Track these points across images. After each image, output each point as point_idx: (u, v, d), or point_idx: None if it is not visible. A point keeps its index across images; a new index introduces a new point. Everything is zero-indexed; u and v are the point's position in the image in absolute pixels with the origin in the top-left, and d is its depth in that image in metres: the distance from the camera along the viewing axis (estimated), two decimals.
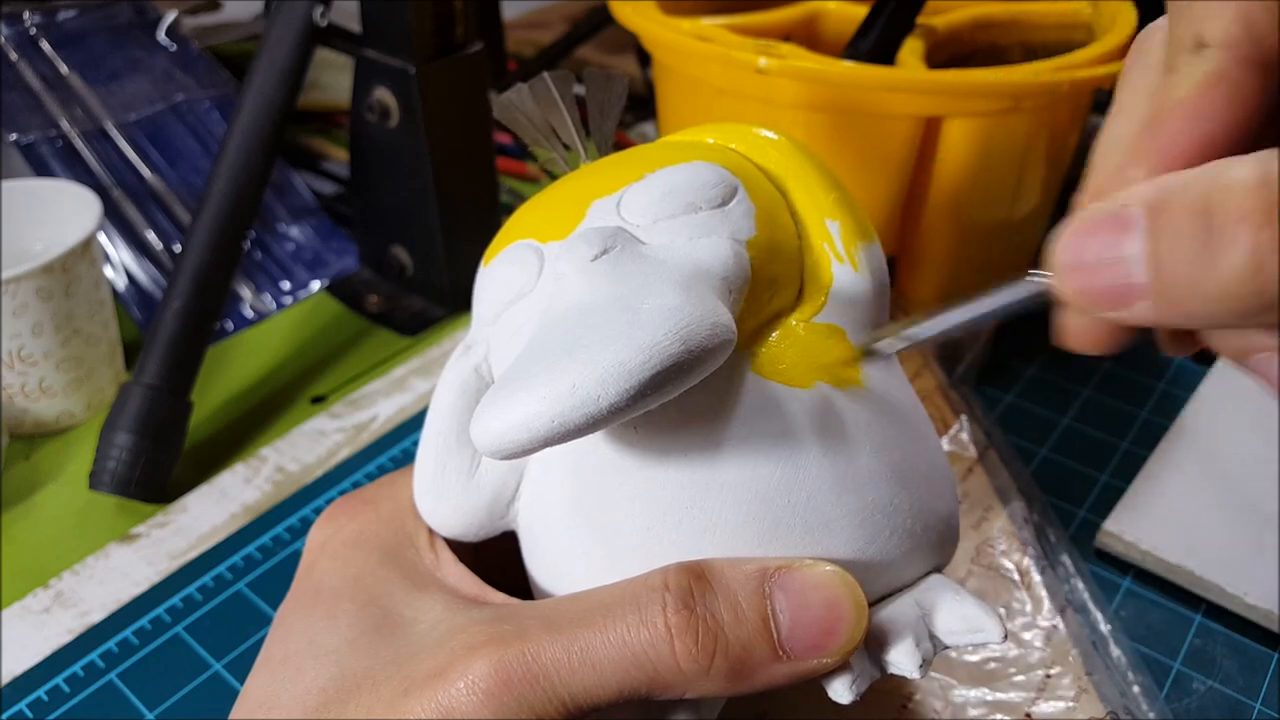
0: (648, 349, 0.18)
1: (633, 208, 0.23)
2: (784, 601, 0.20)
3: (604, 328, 0.19)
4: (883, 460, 0.22)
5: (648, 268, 0.21)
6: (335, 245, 0.58)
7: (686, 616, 0.19)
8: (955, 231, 0.46)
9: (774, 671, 0.20)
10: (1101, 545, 0.39)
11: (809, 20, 0.51)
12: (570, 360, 0.19)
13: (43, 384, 0.44)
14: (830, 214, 0.24)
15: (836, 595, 0.20)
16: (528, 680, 0.19)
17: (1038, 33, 0.50)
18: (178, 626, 0.37)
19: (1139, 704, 0.33)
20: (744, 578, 0.20)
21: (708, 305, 0.20)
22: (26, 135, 0.54)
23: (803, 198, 0.25)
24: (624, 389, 0.18)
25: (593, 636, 0.19)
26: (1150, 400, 0.47)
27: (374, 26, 0.48)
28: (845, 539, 0.21)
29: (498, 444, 0.19)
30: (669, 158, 0.24)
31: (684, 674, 0.19)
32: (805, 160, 0.25)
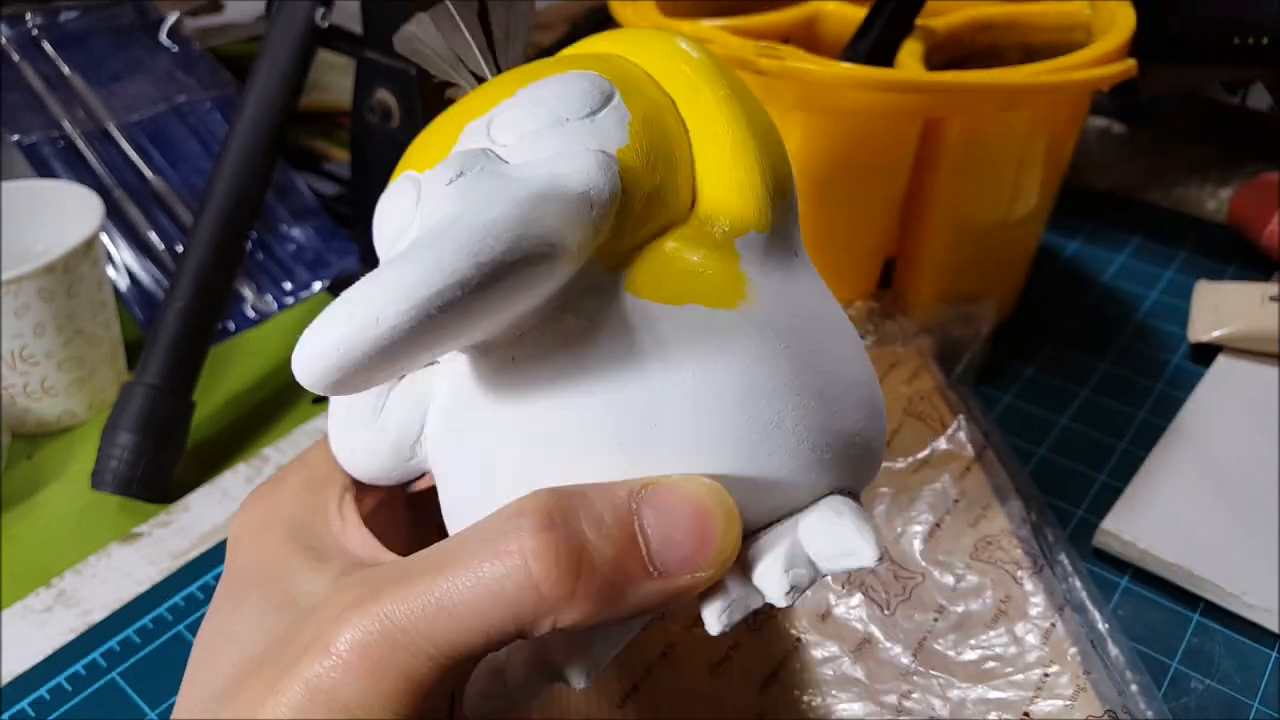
0: (428, 266, 0.17)
1: (500, 126, 0.22)
2: (652, 517, 0.19)
3: (412, 250, 0.18)
4: (762, 377, 0.20)
5: (496, 187, 0.20)
6: (337, 246, 0.58)
7: (545, 538, 0.18)
8: (955, 231, 0.46)
9: (647, 591, 0.19)
10: (1099, 545, 0.39)
11: (808, 22, 0.51)
12: (360, 286, 0.18)
13: (45, 384, 0.44)
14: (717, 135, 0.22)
15: (705, 505, 0.19)
16: (387, 641, 0.18)
17: (1037, 33, 0.50)
18: (179, 625, 0.37)
19: (1137, 703, 0.33)
20: (608, 497, 0.19)
21: (523, 219, 0.18)
22: (28, 136, 0.54)
23: (690, 108, 0.22)
24: (400, 309, 0.17)
25: (446, 582, 0.18)
26: (1148, 401, 0.48)
27: (375, 28, 0.48)
28: (717, 459, 0.20)
29: (301, 376, 0.18)
30: (544, 71, 0.23)
31: (546, 600, 0.18)
32: (694, 68, 0.23)
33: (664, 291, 0.20)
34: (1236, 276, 0.57)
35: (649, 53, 0.23)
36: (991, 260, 0.49)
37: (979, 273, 0.48)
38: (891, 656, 0.34)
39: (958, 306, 0.47)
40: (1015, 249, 0.50)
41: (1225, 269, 0.58)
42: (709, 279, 0.21)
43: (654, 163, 0.21)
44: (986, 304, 0.47)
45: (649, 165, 0.21)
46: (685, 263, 0.21)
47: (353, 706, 0.18)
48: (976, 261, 0.48)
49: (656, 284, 0.21)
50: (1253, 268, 0.57)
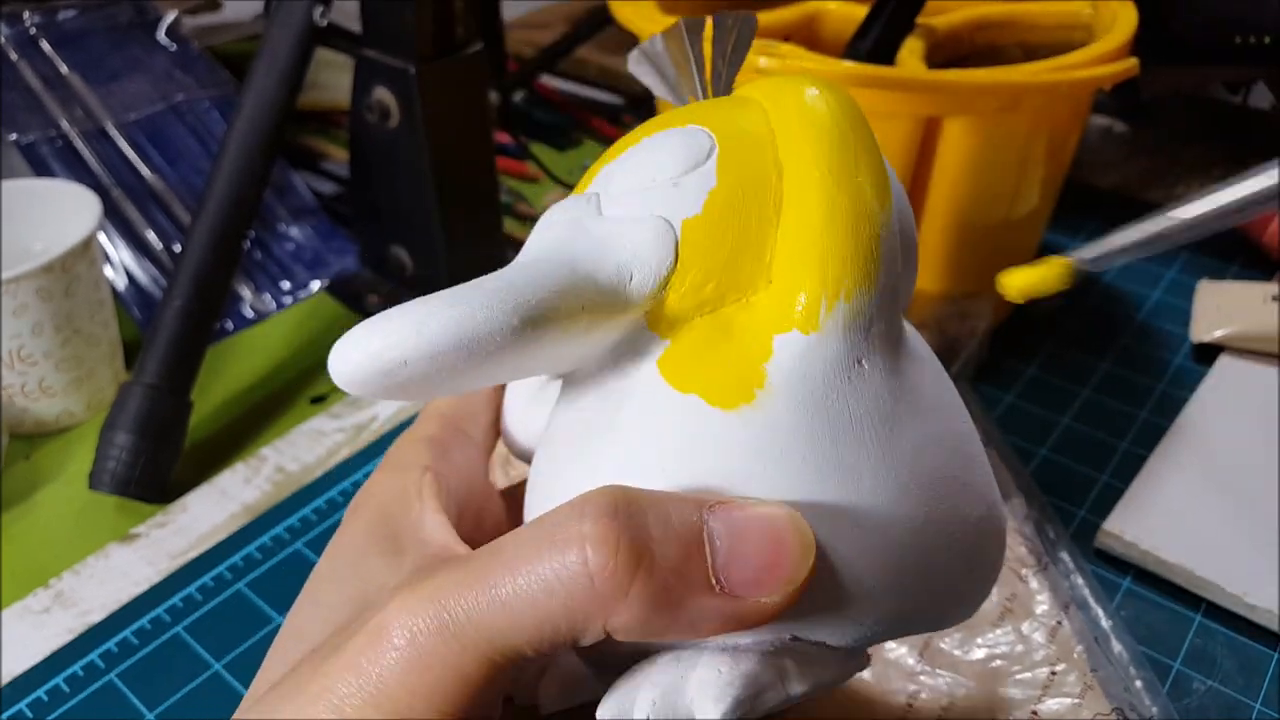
0: (418, 321, 0.18)
1: (614, 177, 0.22)
2: (721, 530, 0.17)
3: (465, 288, 0.19)
4: (740, 486, 0.19)
5: (548, 247, 0.21)
6: (335, 245, 0.58)
7: (606, 525, 0.17)
8: (955, 231, 0.46)
9: (706, 607, 0.17)
10: (1101, 545, 0.39)
11: (809, 20, 0.51)
12: (411, 306, 0.19)
13: (43, 384, 0.44)
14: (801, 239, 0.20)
15: (780, 527, 0.18)
16: (437, 630, 0.17)
17: (1037, 33, 0.50)
18: (178, 626, 0.37)
19: (1142, 700, 0.33)
20: (677, 502, 0.18)
21: (558, 283, 0.19)
22: (26, 135, 0.54)
23: (791, 180, 0.21)
24: (419, 344, 0.18)
25: (502, 571, 0.17)
26: (1150, 401, 0.47)
27: (374, 26, 0.48)
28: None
29: (333, 371, 0.19)
30: (675, 121, 0.22)
31: (600, 594, 0.17)
32: (805, 132, 0.21)
33: (677, 374, 0.20)
34: (1238, 276, 0.57)
35: (776, 104, 0.22)
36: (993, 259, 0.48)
37: (980, 271, 0.48)
38: (898, 656, 0.34)
39: (956, 303, 0.47)
40: (1017, 248, 0.50)
41: (1227, 268, 0.58)
42: (721, 372, 0.19)
43: (723, 238, 0.20)
44: (984, 301, 0.47)
45: (715, 240, 0.20)
46: (710, 349, 0.20)
47: (400, 700, 0.17)
48: (978, 260, 0.48)
49: (675, 364, 0.20)
50: (1254, 267, 0.57)
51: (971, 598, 0.22)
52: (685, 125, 0.22)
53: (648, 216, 0.20)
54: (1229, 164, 0.67)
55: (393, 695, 0.17)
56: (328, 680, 0.18)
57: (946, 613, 0.21)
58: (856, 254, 0.19)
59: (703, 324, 0.20)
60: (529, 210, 0.63)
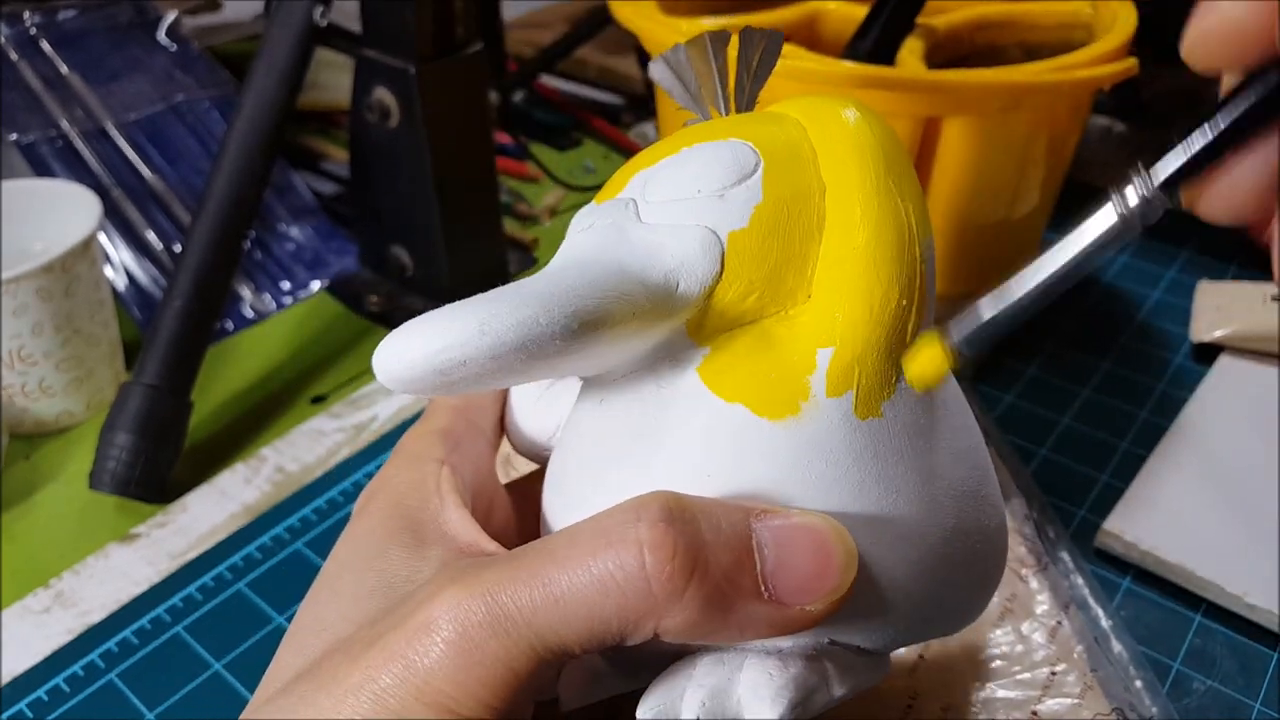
0: (482, 322, 0.18)
1: (653, 184, 0.22)
2: (769, 539, 0.18)
3: (502, 292, 0.19)
4: (785, 494, 0.19)
5: (592, 250, 0.21)
6: (335, 245, 0.58)
7: (664, 530, 0.17)
8: (955, 231, 0.46)
9: (755, 613, 0.18)
10: (1101, 545, 0.39)
11: (809, 20, 0.51)
12: (454, 308, 0.19)
13: (43, 384, 0.44)
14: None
15: (826, 538, 0.18)
16: (490, 624, 0.17)
17: (1037, 33, 0.50)
18: (178, 626, 0.37)
19: (1142, 700, 0.33)
20: (726, 510, 0.18)
21: (602, 288, 0.19)
22: (26, 135, 0.54)
23: (835, 199, 0.21)
24: (424, 359, 0.19)
25: (557, 568, 0.18)
26: (1150, 400, 0.47)
27: (374, 26, 0.48)
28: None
29: (376, 369, 0.19)
30: (716, 133, 0.23)
31: (655, 597, 0.17)
32: (850, 152, 0.21)
33: (722, 383, 0.20)
34: (1238, 276, 0.57)
35: (817, 123, 0.22)
36: (993, 259, 0.49)
37: (980, 271, 0.48)
38: (898, 656, 0.34)
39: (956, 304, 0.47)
40: (1016, 247, 0.50)
41: (1227, 268, 0.58)
42: (767, 383, 0.20)
43: (767, 252, 0.21)
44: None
45: (760, 253, 0.21)
46: (753, 360, 0.20)
47: (445, 693, 0.17)
48: (977, 260, 0.48)
49: (719, 373, 0.20)
50: (1254, 267, 0.57)
51: (981, 603, 0.23)
52: (727, 139, 0.22)
53: (694, 226, 0.21)
54: None
55: (438, 688, 0.17)
56: (370, 671, 0.18)
57: (961, 618, 0.22)
58: (900, 273, 0.21)
59: (743, 334, 0.21)
60: (529, 210, 0.63)
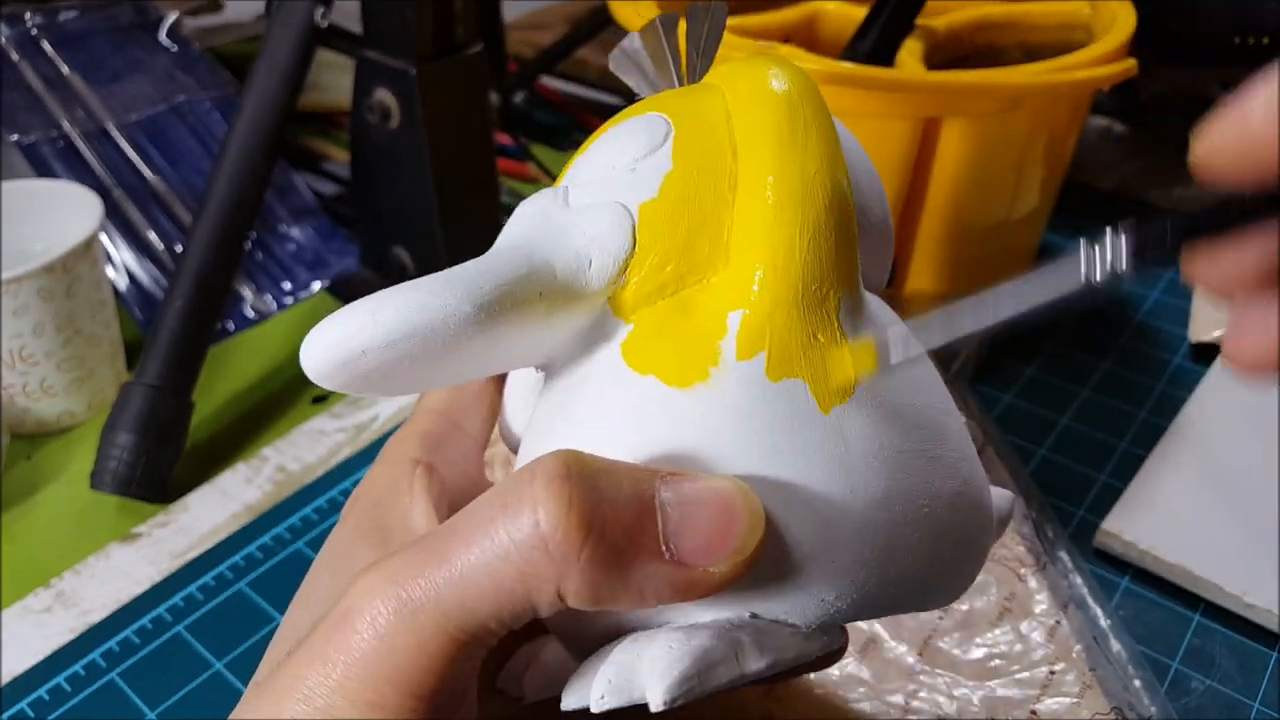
0: (372, 311, 0.18)
1: (581, 167, 0.22)
2: (673, 498, 0.18)
3: (422, 281, 0.19)
4: (694, 462, 0.19)
5: (512, 238, 0.21)
6: (336, 246, 0.58)
7: (558, 488, 0.17)
8: (954, 231, 0.46)
9: (655, 574, 0.17)
10: (1100, 545, 0.39)
11: (808, 21, 0.51)
12: (365, 301, 0.19)
13: (44, 384, 0.44)
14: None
15: (730, 499, 0.18)
16: (398, 611, 0.17)
17: (1037, 33, 0.50)
18: (179, 626, 0.37)
19: (1141, 699, 0.33)
20: (630, 470, 0.18)
21: (512, 272, 0.19)
22: (28, 136, 0.54)
23: (746, 159, 0.20)
24: (325, 351, 0.19)
25: (457, 543, 0.17)
26: (1149, 400, 0.48)
27: (374, 27, 0.48)
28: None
29: (303, 363, 0.19)
30: (639, 110, 0.23)
31: (553, 557, 0.17)
32: (762, 108, 0.20)
33: (637, 356, 0.20)
34: None
35: (731, 85, 0.21)
36: (992, 259, 0.49)
37: (979, 272, 0.48)
38: (897, 656, 0.34)
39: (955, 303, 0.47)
40: (1016, 248, 0.50)
41: None
42: (679, 352, 0.19)
43: (679, 220, 0.20)
44: None
45: (671, 222, 0.20)
46: (669, 330, 0.20)
47: (367, 684, 0.17)
48: (977, 260, 0.48)
49: (636, 347, 0.20)
50: None
51: (952, 577, 0.21)
52: (646, 113, 0.22)
53: (606, 203, 0.20)
54: None
55: (359, 680, 0.17)
56: (297, 670, 0.18)
57: (924, 592, 0.21)
58: (804, 229, 0.19)
59: (664, 306, 0.20)
60: None
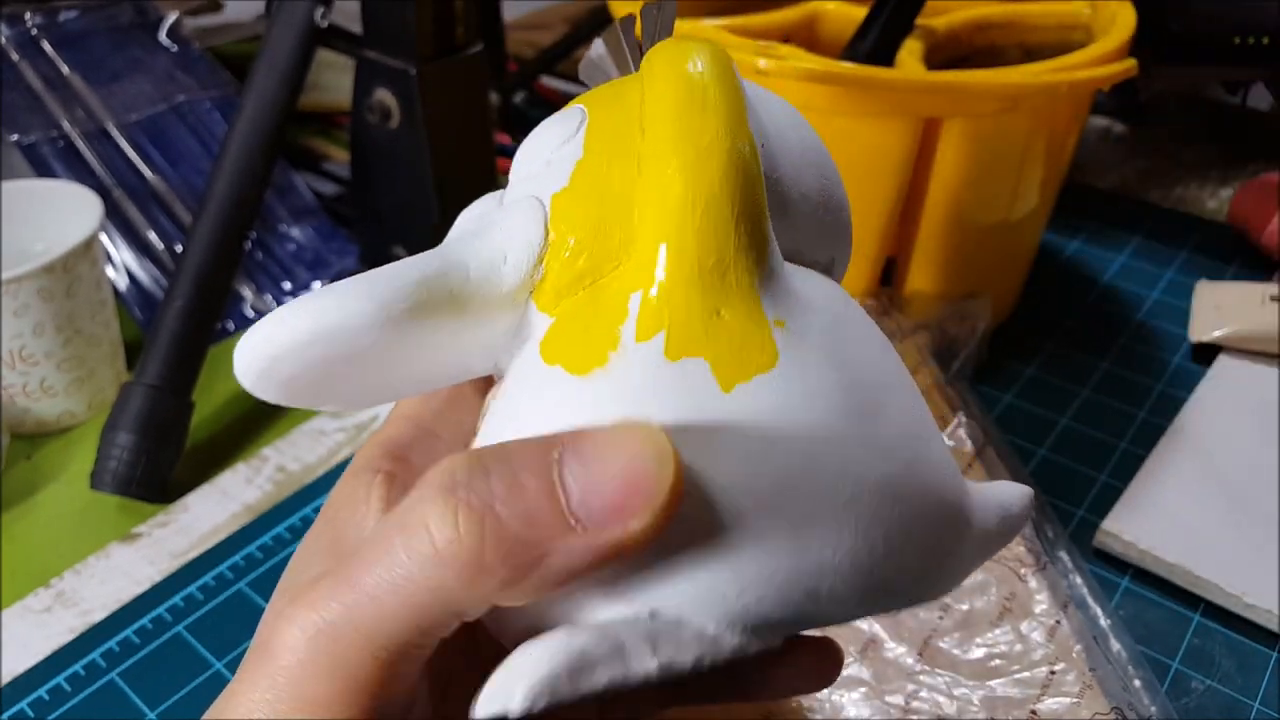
0: (279, 317, 0.18)
1: (515, 164, 0.22)
2: (576, 465, 0.17)
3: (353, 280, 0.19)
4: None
5: (460, 230, 0.21)
6: (336, 245, 0.58)
7: (444, 502, 0.16)
8: (954, 231, 0.46)
9: (570, 550, 0.16)
10: (1100, 545, 0.39)
11: (808, 21, 0.51)
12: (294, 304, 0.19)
13: (44, 384, 0.44)
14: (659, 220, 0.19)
15: (635, 447, 0.17)
16: (320, 636, 0.17)
17: (1037, 33, 0.50)
18: (179, 626, 0.37)
19: (1141, 699, 0.33)
20: (528, 450, 0.17)
21: (431, 270, 0.19)
22: (28, 136, 0.54)
23: (649, 140, 0.20)
24: (241, 357, 0.19)
25: (366, 569, 0.17)
26: (1149, 400, 0.48)
27: (375, 27, 0.48)
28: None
29: (235, 369, 0.19)
30: (572, 103, 0.22)
31: (456, 569, 0.16)
32: (665, 87, 0.20)
33: (549, 349, 0.19)
34: (1237, 276, 0.57)
35: (649, 68, 0.21)
36: (992, 260, 0.49)
37: (979, 272, 0.48)
38: (896, 656, 0.34)
39: (955, 303, 0.47)
40: (1016, 248, 0.50)
41: (1226, 269, 0.58)
42: (583, 340, 0.19)
43: (589, 207, 0.20)
44: (983, 300, 0.47)
45: (582, 210, 0.20)
46: (579, 319, 0.19)
47: (297, 709, 0.17)
48: (977, 261, 0.48)
49: (549, 340, 0.19)
50: (1253, 267, 0.57)
51: (900, 577, 0.19)
52: (571, 106, 0.21)
53: (522, 197, 0.20)
54: (1227, 164, 0.67)
55: (290, 707, 0.17)
56: (236, 698, 0.18)
57: (863, 592, 0.18)
58: (697, 201, 0.18)
59: (583, 297, 0.19)
60: None
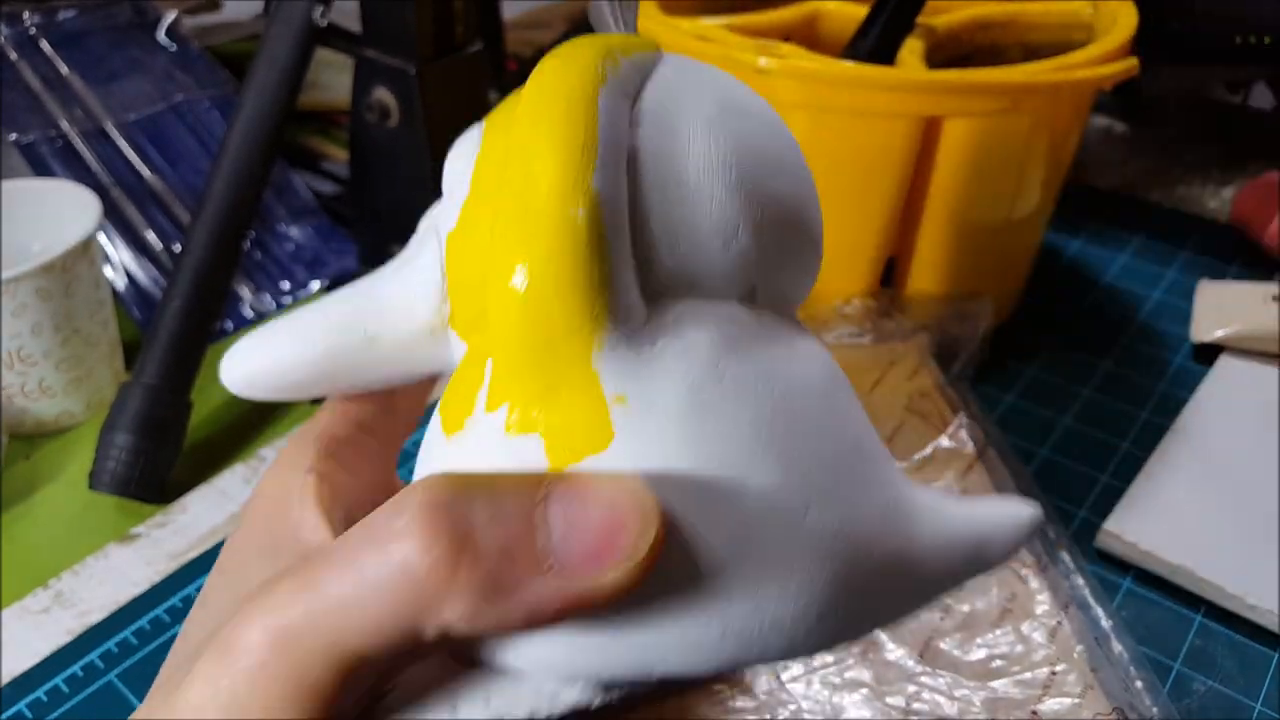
0: (242, 352, 0.22)
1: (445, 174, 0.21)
2: (558, 508, 0.17)
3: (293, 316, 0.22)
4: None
5: (386, 268, 0.21)
6: (335, 245, 0.58)
7: (426, 516, 0.16)
8: (955, 231, 0.46)
9: (540, 589, 0.16)
10: (1102, 545, 0.39)
11: (809, 20, 0.51)
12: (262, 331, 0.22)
13: (42, 384, 0.44)
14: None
15: (616, 497, 0.17)
16: (279, 640, 0.17)
17: (1037, 33, 0.50)
18: (177, 627, 0.37)
19: (1143, 700, 0.33)
20: (514, 485, 0.17)
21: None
22: (26, 135, 0.54)
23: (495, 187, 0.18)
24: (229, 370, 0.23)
25: (332, 575, 0.17)
26: (1150, 401, 0.47)
27: (374, 26, 0.48)
28: None
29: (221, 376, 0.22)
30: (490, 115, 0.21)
31: (425, 588, 0.16)
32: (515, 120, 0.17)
33: (444, 399, 0.19)
34: (1239, 276, 0.57)
35: (529, 84, 0.18)
36: (993, 259, 0.49)
37: (980, 272, 0.48)
38: (897, 658, 0.34)
39: (955, 304, 0.47)
40: (1017, 248, 0.50)
41: (1228, 269, 0.58)
42: (454, 396, 0.18)
43: (467, 257, 0.18)
44: (984, 301, 0.47)
45: (462, 259, 0.19)
46: (462, 368, 0.19)
47: (251, 712, 0.17)
48: (978, 261, 0.48)
49: (447, 389, 0.19)
50: (1255, 267, 0.57)
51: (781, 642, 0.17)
52: (480, 123, 0.20)
53: (431, 232, 0.20)
54: (1228, 164, 0.67)
55: (243, 709, 0.17)
56: (186, 694, 0.17)
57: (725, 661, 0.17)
58: (529, 276, 0.16)
59: (476, 338, 0.19)
60: None
